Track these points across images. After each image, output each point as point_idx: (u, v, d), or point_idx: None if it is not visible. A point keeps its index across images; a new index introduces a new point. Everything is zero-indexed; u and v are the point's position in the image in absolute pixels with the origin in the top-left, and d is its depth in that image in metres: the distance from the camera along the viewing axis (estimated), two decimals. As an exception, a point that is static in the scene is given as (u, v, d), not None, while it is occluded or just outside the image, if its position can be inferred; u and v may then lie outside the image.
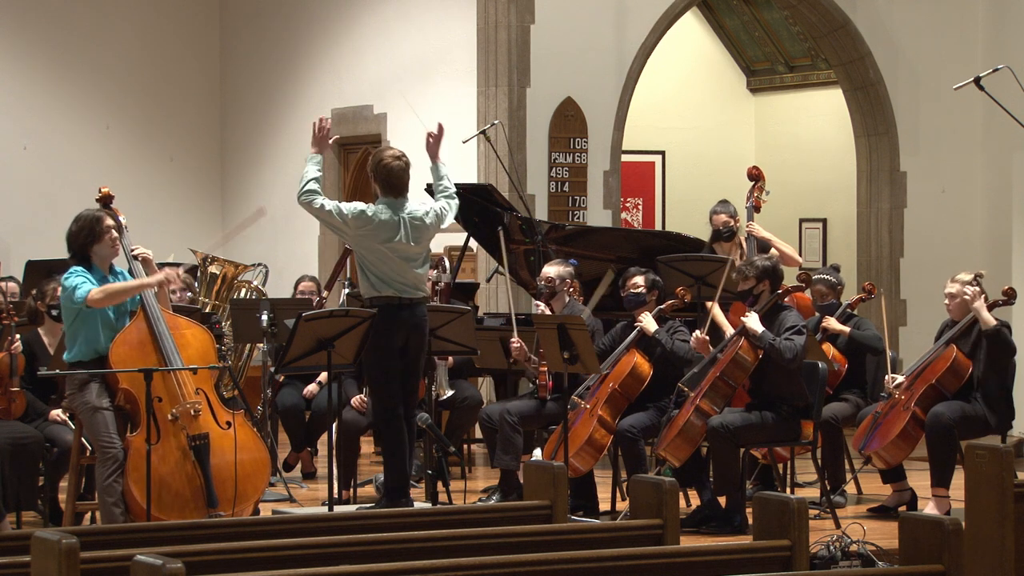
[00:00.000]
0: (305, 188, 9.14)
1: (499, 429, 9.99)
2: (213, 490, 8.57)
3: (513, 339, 10.10)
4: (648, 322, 9.89)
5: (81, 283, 8.55)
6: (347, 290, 11.00)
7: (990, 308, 10.03)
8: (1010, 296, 10.12)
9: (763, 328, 9.36)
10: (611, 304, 11.34)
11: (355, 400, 10.45)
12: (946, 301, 10.06)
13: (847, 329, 10.58)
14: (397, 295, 9.16)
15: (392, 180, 9.22)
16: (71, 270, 8.66)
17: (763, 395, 9.52)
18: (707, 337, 9.65)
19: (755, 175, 11.79)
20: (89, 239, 8.73)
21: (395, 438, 9.22)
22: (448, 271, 11.48)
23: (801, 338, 9.36)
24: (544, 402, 10.10)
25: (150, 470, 8.29)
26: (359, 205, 9.18)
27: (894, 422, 9.78)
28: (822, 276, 10.81)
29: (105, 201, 9.11)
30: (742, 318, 9.45)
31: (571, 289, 10.39)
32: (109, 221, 8.79)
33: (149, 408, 8.33)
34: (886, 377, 10.04)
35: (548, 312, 10.08)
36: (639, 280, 10.05)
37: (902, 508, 9.98)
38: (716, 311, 9.84)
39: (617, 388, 9.78)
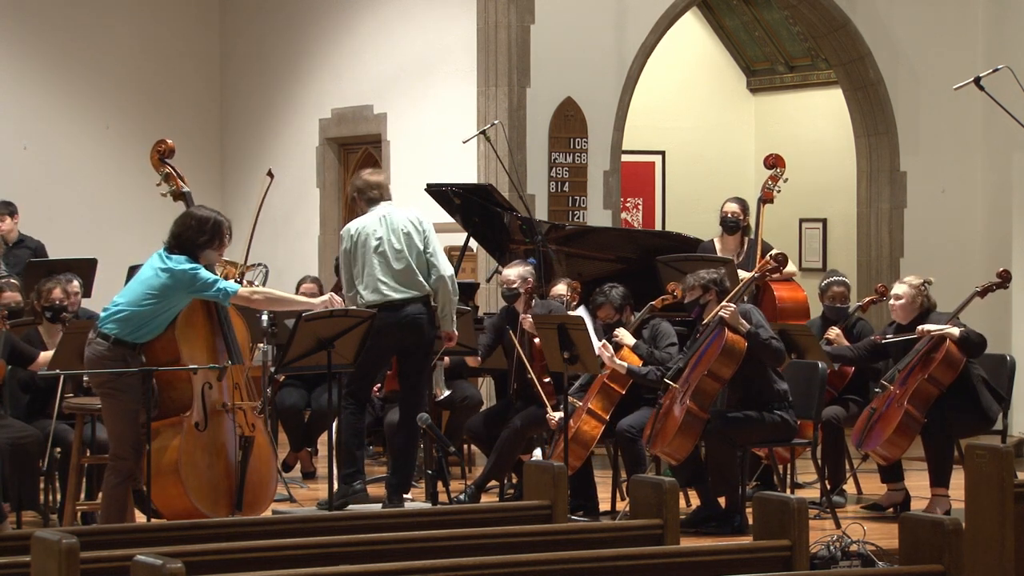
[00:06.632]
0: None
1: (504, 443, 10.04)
2: (243, 494, 8.54)
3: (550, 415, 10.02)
4: (624, 337, 9.90)
5: (217, 276, 8.42)
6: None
7: (984, 293, 10.08)
8: (1004, 279, 10.14)
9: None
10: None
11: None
12: (892, 302, 10.08)
13: (847, 349, 10.51)
14: (386, 299, 9.43)
15: (369, 188, 9.67)
16: (192, 263, 8.39)
17: (749, 397, 9.51)
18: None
19: (770, 163, 11.63)
20: (208, 243, 8.49)
21: (347, 425, 9.58)
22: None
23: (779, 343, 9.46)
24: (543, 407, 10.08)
25: (150, 468, 8.26)
26: (342, 237, 9.74)
27: (890, 418, 9.78)
28: (837, 278, 10.82)
29: (168, 153, 9.06)
30: (720, 312, 9.38)
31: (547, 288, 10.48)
32: (229, 230, 8.59)
33: (149, 408, 8.31)
34: (883, 379, 10.05)
35: (528, 318, 10.05)
36: (608, 311, 10.04)
37: (890, 510, 10.01)
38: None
39: (607, 381, 9.78)
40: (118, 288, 9.05)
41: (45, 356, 9.44)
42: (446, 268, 9.65)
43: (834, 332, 10.60)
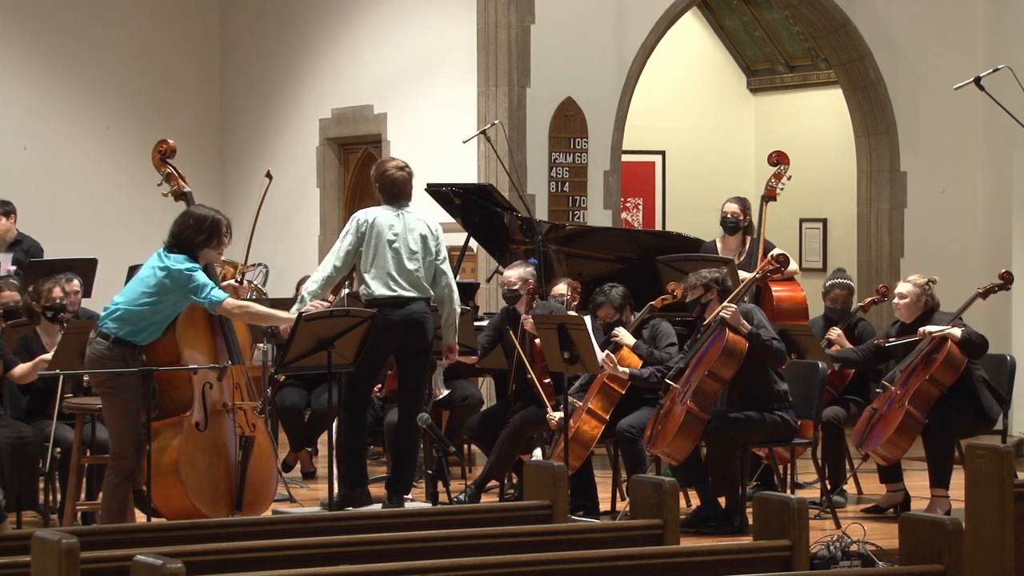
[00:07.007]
0: (317, 284, 9.50)
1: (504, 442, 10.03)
2: (244, 494, 8.53)
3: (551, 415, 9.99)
4: (624, 337, 9.91)
5: (210, 283, 8.34)
6: (347, 290, 11.00)
7: (986, 294, 10.07)
8: (1007, 280, 10.13)
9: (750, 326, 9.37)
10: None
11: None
12: (896, 301, 10.06)
13: (851, 352, 10.47)
14: (394, 294, 9.37)
15: (394, 189, 9.67)
16: (191, 263, 8.36)
17: (749, 397, 9.50)
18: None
19: (774, 160, 11.60)
20: (206, 242, 8.46)
21: (351, 428, 9.57)
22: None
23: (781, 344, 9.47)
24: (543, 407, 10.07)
25: (150, 468, 8.26)
26: (356, 218, 9.62)
27: (891, 419, 9.77)
28: (839, 281, 10.81)
29: (170, 153, 9.06)
30: (721, 313, 9.37)
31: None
32: (227, 229, 8.56)
33: (149, 408, 8.31)
34: (884, 380, 10.05)
35: (529, 319, 10.04)
36: (608, 311, 10.04)
37: (890, 510, 10.01)
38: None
39: (607, 381, 9.78)
40: (118, 288, 9.04)
41: (21, 368, 9.43)
42: (452, 279, 9.70)
43: (835, 332, 10.60)
